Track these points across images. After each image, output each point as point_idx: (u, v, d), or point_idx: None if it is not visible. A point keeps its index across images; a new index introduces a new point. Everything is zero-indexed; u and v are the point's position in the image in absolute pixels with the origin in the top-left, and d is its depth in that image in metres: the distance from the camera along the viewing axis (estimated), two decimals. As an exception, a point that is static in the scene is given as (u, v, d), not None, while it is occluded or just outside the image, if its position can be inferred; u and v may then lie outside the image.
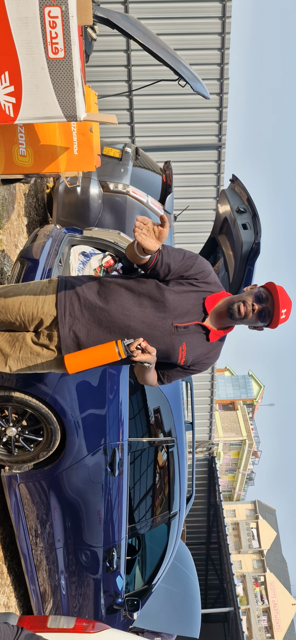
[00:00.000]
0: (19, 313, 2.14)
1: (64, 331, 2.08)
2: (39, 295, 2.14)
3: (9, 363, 2.16)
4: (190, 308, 2.10)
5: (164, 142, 8.15)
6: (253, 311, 2.06)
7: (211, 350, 2.21)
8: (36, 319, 2.13)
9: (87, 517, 3.53)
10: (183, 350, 2.12)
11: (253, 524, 33.20)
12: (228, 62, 7.52)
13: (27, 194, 5.28)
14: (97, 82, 7.43)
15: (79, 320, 2.08)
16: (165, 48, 4.23)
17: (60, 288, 2.13)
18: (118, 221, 5.12)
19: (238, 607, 9.93)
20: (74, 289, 2.12)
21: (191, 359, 2.17)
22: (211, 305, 2.13)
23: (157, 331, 2.08)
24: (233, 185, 4.23)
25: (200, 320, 2.12)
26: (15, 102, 1.92)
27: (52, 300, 2.12)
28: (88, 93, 3.08)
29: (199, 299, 2.12)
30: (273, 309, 2.05)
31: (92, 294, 2.11)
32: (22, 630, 1.90)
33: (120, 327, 2.07)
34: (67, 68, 1.89)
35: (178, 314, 2.09)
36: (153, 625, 4.38)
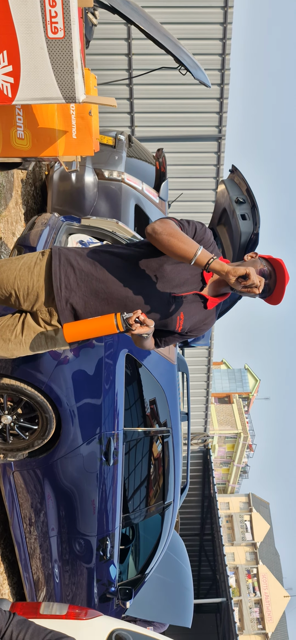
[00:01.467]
0: (14, 287, 2.08)
1: (61, 304, 2.04)
2: (34, 269, 2.08)
3: (10, 347, 2.13)
4: (188, 277, 2.06)
5: (164, 132, 8.10)
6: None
7: (208, 316, 2.20)
8: (31, 294, 2.08)
9: (81, 506, 3.53)
10: (180, 319, 2.11)
11: (246, 517, 33.40)
12: (230, 52, 7.46)
13: (25, 182, 5.24)
14: (97, 71, 7.36)
15: (75, 292, 2.04)
16: (166, 35, 4.19)
17: (54, 260, 2.07)
18: (114, 209, 5.09)
19: (231, 598, 10.00)
20: (68, 260, 2.07)
21: (188, 326, 2.16)
22: (210, 274, 2.09)
23: (155, 301, 2.06)
24: (233, 175, 4.21)
25: (198, 290, 2.09)
26: (13, 82, 1.88)
27: (46, 273, 2.07)
28: (88, 76, 3.04)
29: (197, 268, 2.07)
30: (275, 286, 2.01)
31: (88, 265, 2.06)
32: (14, 615, 1.89)
33: (117, 298, 2.04)
34: (66, 48, 1.85)
35: (176, 283, 2.05)
36: (146, 614, 4.40)
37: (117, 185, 5.14)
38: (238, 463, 33.84)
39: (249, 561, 32.12)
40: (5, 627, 1.84)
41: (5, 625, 1.84)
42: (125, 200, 5.16)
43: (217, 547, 11.33)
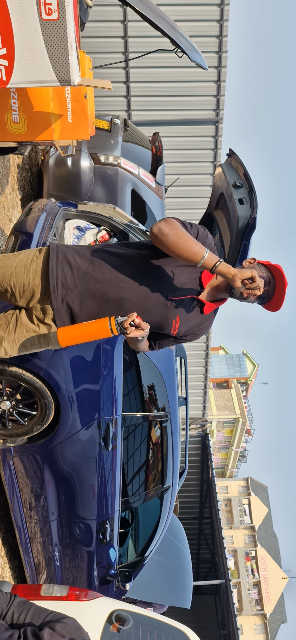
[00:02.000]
0: (9, 284, 2.05)
1: (57, 303, 2.01)
2: (30, 266, 2.05)
3: (4, 346, 2.10)
4: (186, 281, 2.04)
5: (160, 116, 8.04)
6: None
7: (204, 321, 2.18)
8: (27, 291, 2.05)
9: (81, 490, 3.56)
10: (176, 322, 2.09)
11: (245, 500, 33.69)
12: (227, 34, 7.38)
13: (21, 167, 5.20)
14: (92, 54, 7.28)
15: (72, 291, 2.01)
16: (162, 17, 4.13)
17: (52, 257, 2.03)
18: (110, 194, 5.06)
19: (229, 580, 10.11)
20: (65, 258, 2.04)
21: (184, 330, 2.14)
22: (208, 279, 2.08)
23: (152, 304, 2.03)
24: (230, 159, 4.18)
25: (196, 295, 2.07)
26: (7, 65, 1.86)
27: (43, 271, 2.03)
28: (83, 58, 3.01)
29: (196, 272, 2.06)
30: (274, 293, 2.01)
31: (85, 263, 2.03)
32: (15, 597, 1.92)
33: (114, 299, 2.01)
34: (60, 30, 1.83)
35: (174, 287, 2.03)
36: (145, 596, 4.46)
37: (113, 170, 5.10)
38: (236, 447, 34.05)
39: (247, 544, 32.46)
40: (7, 608, 1.87)
41: (7, 606, 1.87)
42: (122, 185, 5.13)
43: (216, 530, 11.44)
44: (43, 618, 1.89)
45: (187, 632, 3.20)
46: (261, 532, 33.09)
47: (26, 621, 1.84)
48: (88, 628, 2.00)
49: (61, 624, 1.85)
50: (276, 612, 31.39)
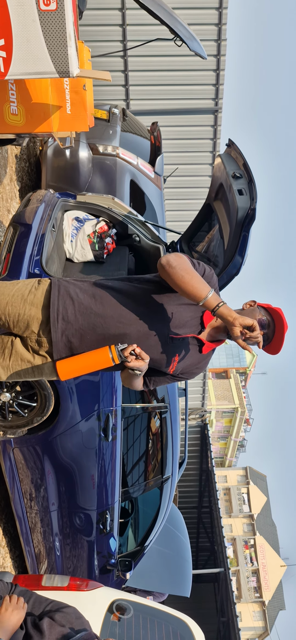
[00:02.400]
0: (4, 313, 2.00)
1: (56, 336, 1.96)
2: (28, 297, 2.01)
3: None
4: (187, 320, 2.04)
5: (160, 105, 7.98)
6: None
7: (201, 360, 2.16)
8: (21, 322, 2.00)
9: (81, 481, 3.58)
10: (175, 361, 2.07)
11: (244, 489, 33.88)
12: (226, 22, 7.31)
13: (19, 158, 5.17)
14: (90, 42, 7.21)
15: (73, 325, 1.97)
16: (161, 5, 4.10)
17: (53, 291, 2.00)
18: (109, 184, 5.04)
19: (228, 568, 10.19)
20: (67, 292, 2.01)
21: (181, 368, 2.13)
22: (209, 319, 2.07)
23: (153, 341, 2.01)
24: (230, 150, 4.15)
25: (196, 333, 2.07)
26: (5, 56, 1.84)
27: (40, 303, 2.00)
28: (82, 49, 2.98)
29: (197, 311, 2.06)
30: (273, 335, 2.01)
31: (87, 298, 2.00)
32: (16, 586, 1.93)
33: (115, 335, 1.98)
34: (59, 21, 1.81)
35: (176, 325, 2.02)
36: (145, 585, 4.50)
37: (111, 160, 5.07)
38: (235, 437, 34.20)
39: (246, 532, 32.69)
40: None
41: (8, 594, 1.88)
42: (120, 175, 5.10)
43: (215, 519, 11.50)
44: (43, 607, 1.91)
45: (187, 620, 3.23)
46: (260, 521, 33.32)
47: (27, 610, 1.86)
48: (89, 617, 2.02)
49: (61, 613, 1.87)
50: (275, 599, 31.69)
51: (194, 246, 4.61)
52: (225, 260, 3.79)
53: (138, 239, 4.41)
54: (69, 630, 1.78)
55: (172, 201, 8.68)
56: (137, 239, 4.40)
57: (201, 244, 4.59)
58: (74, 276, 3.98)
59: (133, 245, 4.47)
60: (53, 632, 1.75)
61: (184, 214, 8.63)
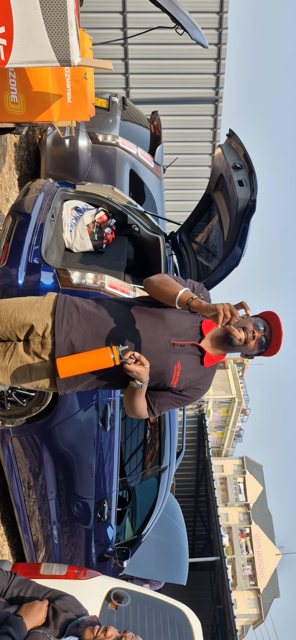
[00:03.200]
0: (10, 320, 2.10)
1: (60, 337, 2.04)
2: (34, 304, 2.13)
3: None
4: (187, 328, 2.12)
5: (160, 94, 7.92)
6: (254, 338, 2.05)
7: (204, 376, 2.21)
8: (27, 325, 2.09)
9: (79, 470, 3.59)
10: (177, 369, 2.11)
11: (240, 479, 34.10)
12: (228, 10, 7.24)
13: (18, 146, 5.13)
14: (90, 29, 7.13)
15: (76, 328, 2.06)
16: (162, -8, 4.05)
17: (60, 299, 2.13)
18: (108, 174, 5.01)
19: (224, 557, 10.28)
20: (73, 301, 2.14)
21: (184, 382, 2.15)
22: (208, 329, 2.15)
23: (154, 347, 2.08)
24: (230, 140, 4.13)
25: (197, 341, 2.13)
26: (6, 44, 1.82)
27: (47, 309, 2.11)
28: (83, 37, 2.95)
29: (196, 321, 2.14)
30: (271, 337, 2.07)
31: (91, 307, 2.12)
32: (16, 575, 1.95)
33: (117, 339, 2.05)
34: (60, 9, 1.79)
35: (176, 332, 2.10)
36: (142, 573, 4.53)
37: (111, 149, 5.04)
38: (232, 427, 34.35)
39: (242, 521, 32.95)
40: (7, 586, 1.90)
41: (7, 584, 1.90)
42: (120, 165, 5.07)
43: (211, 508, 11.59)
44: (42, 595, 1.93)
45: (184, 609, 3.26)
46: (256, 510, 33.57)
47: (26, 597, 1.88)
48: (87, 606, 2.04)
49: (61, 600, 1.89)
50: (270, 587, 32.03)
51: (193, 237, 4.60)
52: (224, 251, 3.78)
53: (137, 229, 4.40)
54: (72, 616, 1.81)
55: (172, 191, 8.65)
56: (136, 229, 4.39)
57: (200, 234, 4.58)
58: (73, 266, 3.97)
59: (132, 236, 4.46)
60: (57, 618, 1.78)
61: (184, 204, 8.60)
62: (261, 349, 2.09)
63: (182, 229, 4.58)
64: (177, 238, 4.56)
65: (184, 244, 4.52)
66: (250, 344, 2.05)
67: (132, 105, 5.96)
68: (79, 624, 1.79)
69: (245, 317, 2.11)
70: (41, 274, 3.08)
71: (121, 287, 3.27)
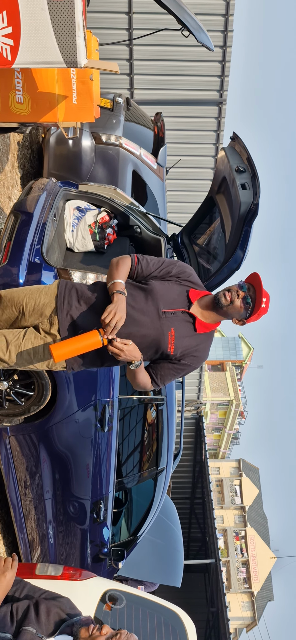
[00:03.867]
0: (22, 303, 2.30)
1: (62, 315, 2.25)
2: (43, 290, 2.33)
3: (10, 349, 2.27)
4: (175, 297, 2.29)
5: (164, 95, 7.91)
6: (238, 296, 2.23)
7: (199, 343, 2.34)
8: (37, 310, 2.30)
9: (76, 470, 3.59)
10: (172, 335, 2.25)
11: (236, 481, 34.11)
12: (233, 13, 7.23)
13: (21, 145, 5.13)
14: (96, 29, 7.13)
15: (76, 307, 2.26)
16: (169, -6, 4.04)
17: (61, 284, 2.33)
18: (111, 174, 5.00)
19: (219, 559, 10.28)
20: (73, 285, 2.33)
21: (180, 349, 2.28)
22: (195, 297, 2.31)
23: (147, 316, 2.23)
24: (234, 143, 4.13)
25: (186, 308, 2.29)
26: (13, 44, 1.81)
27: (53, 294, 2.31)
28: (90, 39, 2.94)
29: (183, 290, 2.32)
30: (255, 296, 2.25)
31: (89, 292, 2.30)
32: (11, 576, 1.93)
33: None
34: (68, 10, 1.78)
35: (166, 300, 2.26)
36: (137, 574, 4.54)
37: (114, 150, 5.03)
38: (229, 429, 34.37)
39: (238, 524, 32.97)
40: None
41: None
42: (123, 165, 5.07)
43: (207, 511, 11.58)
44: (37, 596, 1.92)
45: (179, 612, 3.26)
46: (252, 513, 33.59)
47: (21, 598, 1.87)
48: (82, 607, 2.04)
49: (55, 601, 1.88)
50: (264, 590, 32.05)
51: (195, 239, 4.60)
52: (226, 254, 3.78)
53: (139, 230, 4.39)
54: (65, 616, 1.80)
55: (174, 192, 8.64)
56: (138, 230, 4.38)
57: (202, 236, 4.58)
58: (74, 266, 3.97)
59: (134, 237, 4.46)
60: (50, 617, 1.77)
61: (186, 205, 8.59)
62: (247, 306, 2.25)
63: (184, 230, 4.58)
64: (179, 240, 4.56)
65: (186, 245, 4.53)
66: (236, 303, 2.23)
67: (135, 106, 5.95)
68: (74, 623, 1.79)
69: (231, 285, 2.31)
70: (42, 273, 3.08)
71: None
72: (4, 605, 1.80)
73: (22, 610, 1.78)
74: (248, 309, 2.25)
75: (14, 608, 1.79)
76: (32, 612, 1.77)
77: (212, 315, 2.32)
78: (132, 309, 2.21)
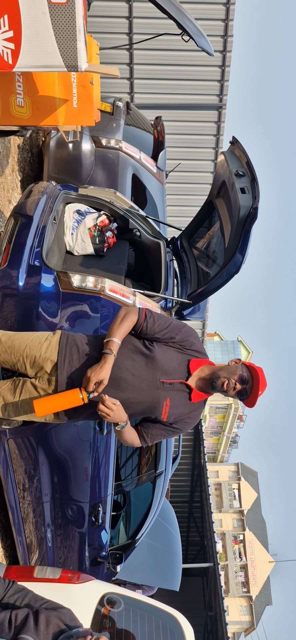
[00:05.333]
0: (23, 354, 2.29)
1: (61, 377, 2.24)
2: (44, 342, 2.30)
3: (8, 409, 2.32)
4: (175, 367, 2.30)
5: (164, 99, 7.94)
6: (234, 389, 2.27)
7: (192, 410, 2.38)
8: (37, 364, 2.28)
9: (75, 473, 3.59)
10: (167, 405, 2.28)
11: (235, 485, 34.09)
12: (233, 18, 7.26)
13: (21, 148, 5.14)
14: (97, 34, 7.15)
15: (76, 368, 2.24)
16: (169, -1, 4.06)
17: (63, 339, 2.30)
18: (111, 178, 5.01)
19: (217, 563, 10.26)
20: (74, 341, 2.31)
21: (173, 416, 2.33)
22: (195, 367, 2.33)
23: (145, 384, 2.25)
24: (233, 147, 4.13)
25: (184, 379, 2.31)
26: (14, 48, 1.82)
27: (54, 347, 2.28)
28: (90, 43, 2.95)
29: (184, 360, 2.33)
30: (252, 391, 2.27)
31: (91, 348, 2.29)
32: (14, 583, 1.94)
33: (112, 378, 2.19)
34: (69, 14, 1.79)
35: (165, 370, 2.27)
36: (135, 578, 4.52)
37: (114, 153, 5.04)
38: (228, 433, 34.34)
39: (236, 528, 32.93)
40: (3, 594, 1.89)
41: (4, 591, 1.89)
42: (123, 169, 5.08)
43: (206, 514, 11.57)
44: (39, 605, 1.92)
45: (177, 616, 3.26)
46: (250, 517, 33.56)
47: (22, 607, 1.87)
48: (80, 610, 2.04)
49: (56, 612, 1.88)
50: (262, 594, 31.99)
51: (194, 243, 4.61)
52: (225, 258, 3.79)
53: (139, 234, 4.40)
54: (64, 627, 1.80)
55: (174, 196, 8.66)
56: (137, 233, 4.39)
57: (202, 240, 4.58)
58: (74, 269, 3.97)
59: (133, 240, 4.46)
60: (49, 627, 1.77)
61: (185, 209, 8.61)
62: (241, 399, 2.31)
63: (183, 234, 4.59)
64: (178, 243, 4.56)
65: (185, 249, 4.53)
66: (230, 394, 2.28)
67: (136, 110, 5.97)
68: (72, 635, 1.79)
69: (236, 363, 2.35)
70: (42, 276, 3.08)
71: (121, 291, 3.28)
72: (4, 612, 1.80)
73: (21, 618, 1.78)
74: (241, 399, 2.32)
75: (12, 615, 1.78)
76: (31, 620, 1.77)
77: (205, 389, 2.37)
78: (131, 375, 2.24)
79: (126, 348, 2.28)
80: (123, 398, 2.22)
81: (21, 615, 1.79)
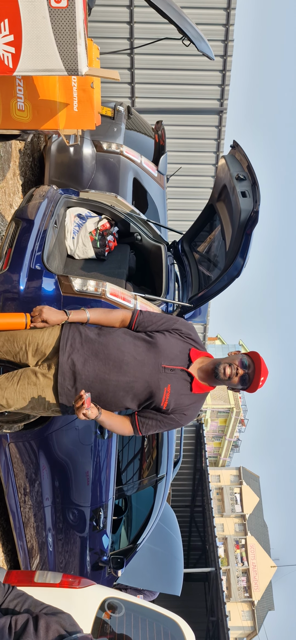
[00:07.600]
0: (25, 342, 2.33)
1: (63, 358, 2.26)
2: (46, 330, 2.34)
3: (6, 395, 2.30)
4: (177, 354, 2.33)
5: (165, 104, 7.96)
6: (237, 374, 2.28)
7: (191, 402, 2.38)
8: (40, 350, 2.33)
9: (76, 477, 3.58)
10: (167, 392, 2.29)
11: (236, 489, 33.98)
12: (234, 23, 7.29)
13: (23, 153, 5.15)
14: (97, 39, 7.18)
15: (78, 351, 2.27)
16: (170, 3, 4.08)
17: (65, 326, 2.35)
18: (112, 182, 5.02)
19: (219, 568, 10.23)
20: (77, 328, 2.36)
21: (173, 404, 2.33)
22: (195, 357, 2.36)
23: (147, 368, 2.28)
24: (234, 151, 4.14)
25: (185, 367, 2.33)
26: (14, 52, 1.83)
27: (56, 334, 2.33)
28: (91, 47, 2.97)
29: (185, 348, 2.37)
30: (254, 376, 2.29)
31: (93, 334, 2.33)
32: (13, 589, 1.93)
33: (114, 360, 2.25)
34: (69, 18, 1.80)
35: (167, 355, 2.31)
36: (136, 583, 4.51)
37: (115, 158, 5.05)
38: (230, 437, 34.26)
39: (238, 532, 32.81)
40: (3, 599, 1.89)
41: (3, 597, 1.89)
42: (124, 173, 5.09)
43: (207, 519, 11.54)
44: (39, 610, 1.91)
45: (178, 621, 3.24)
46: (252, 521, 33.44)
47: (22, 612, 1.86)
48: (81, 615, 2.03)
49: (56, 617, 1.87)
50: (264, 599, 31.85)
51: (195, 246, 4.61)
52: (226, 261, 3.79)
53: (139, 238, 4.41)
54: (64, 632, 1.79)
55: (175, 200, 8.67)
56: (138, 237, 4.40)
57: (202, 244, 4.58)
58: (75, 273, 3.98)
59: (134, 244, 4.47)
60: (49, 633, 1.76)
61: (186, 213, 8.62)
62: (245, 385, 2.31)
63: (184, 238, 4.59)
64: (179, 247, 4.57)
65: (186, 253, 4.53)
66: (234, 380, 2.28)
67: (136, 115, 5.98)
68: None
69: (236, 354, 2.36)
70: (43, 280, 3.08)
71: (122, 294, 3.28)
72: (4, 617, 1.79)
73: (21, 623, 1.77)
74: (244, 386, 2.33)
75: (12, 620, 1.77)
76: (31, 626, 1.76)
77: (208, 380, 2.38)
78: (133, 359, 2.26)
79: (129, 335, 2.33)
80: (126, 381, 2.25)
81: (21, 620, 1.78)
